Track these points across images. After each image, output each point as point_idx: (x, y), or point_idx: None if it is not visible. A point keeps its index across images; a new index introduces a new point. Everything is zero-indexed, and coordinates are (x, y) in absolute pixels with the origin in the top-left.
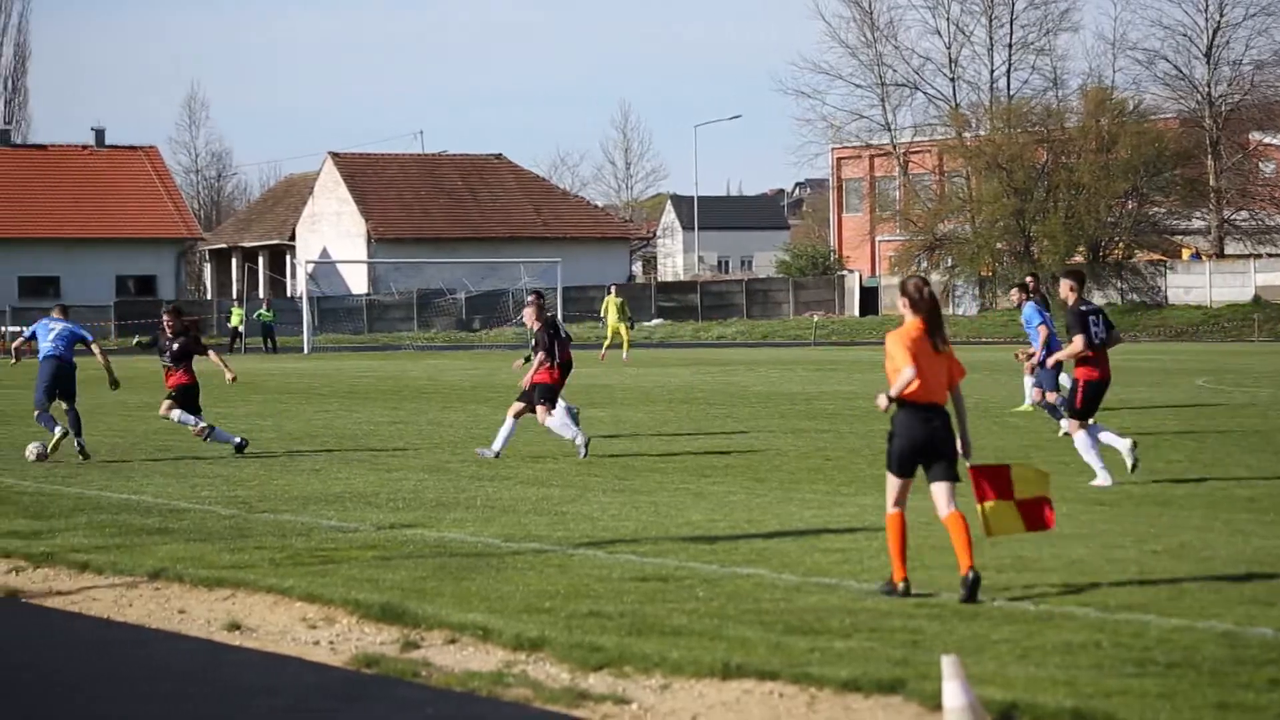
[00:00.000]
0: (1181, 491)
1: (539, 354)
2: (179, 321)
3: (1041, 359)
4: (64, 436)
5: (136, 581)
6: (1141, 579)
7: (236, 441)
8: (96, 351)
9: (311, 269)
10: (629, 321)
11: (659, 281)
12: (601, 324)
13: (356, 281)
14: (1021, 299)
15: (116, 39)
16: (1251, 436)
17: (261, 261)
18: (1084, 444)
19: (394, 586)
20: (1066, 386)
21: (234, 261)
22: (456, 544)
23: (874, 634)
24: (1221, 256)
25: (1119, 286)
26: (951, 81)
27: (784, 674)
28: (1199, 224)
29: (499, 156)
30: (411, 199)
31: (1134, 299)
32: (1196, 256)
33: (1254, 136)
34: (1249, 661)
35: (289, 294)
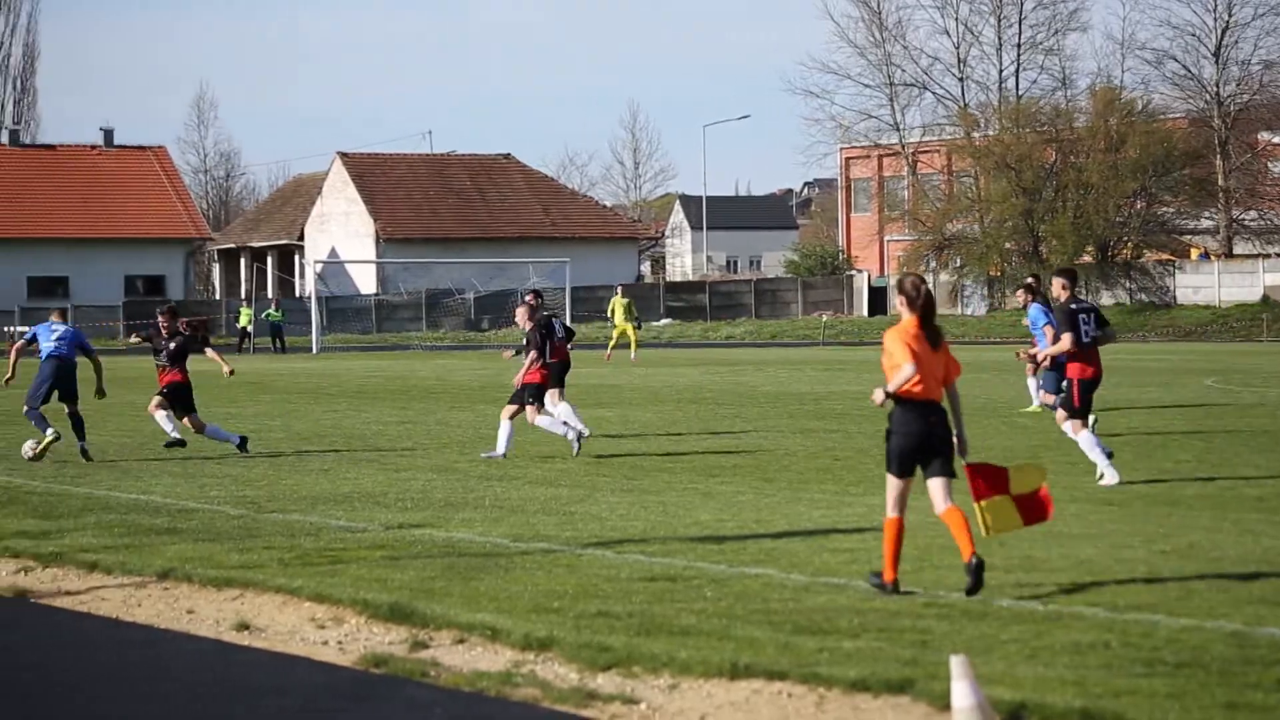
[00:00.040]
0: (1190, 491)
1: (530, 354)
2: (174, 322)
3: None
4: (55, 440)
5: (145, 581)
6: (1150, 579)
7: (236, 440)
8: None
9: (320, 269)
10: (636, 321)
11: (667, 281)
12: (610, 324)
13: (365, 281)
14: (1027, 300)
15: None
16: (1260, 436)
17: (270, 261)
18: (1088, 443)
19: (402, 586)
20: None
21: (242, 261)
22: (465, 544)
23: (883, 634)
24: (1230, 256)
25: (1127, 286)
26: (960, 81)
27: (792, 674)
28: (1207, 224)
29: (508, 156)
30: (420, 199)
31: (1142, 299)
32: (1205, 256)
33: (1263, 136)
34: (1258, 661)
35: (297, 294)
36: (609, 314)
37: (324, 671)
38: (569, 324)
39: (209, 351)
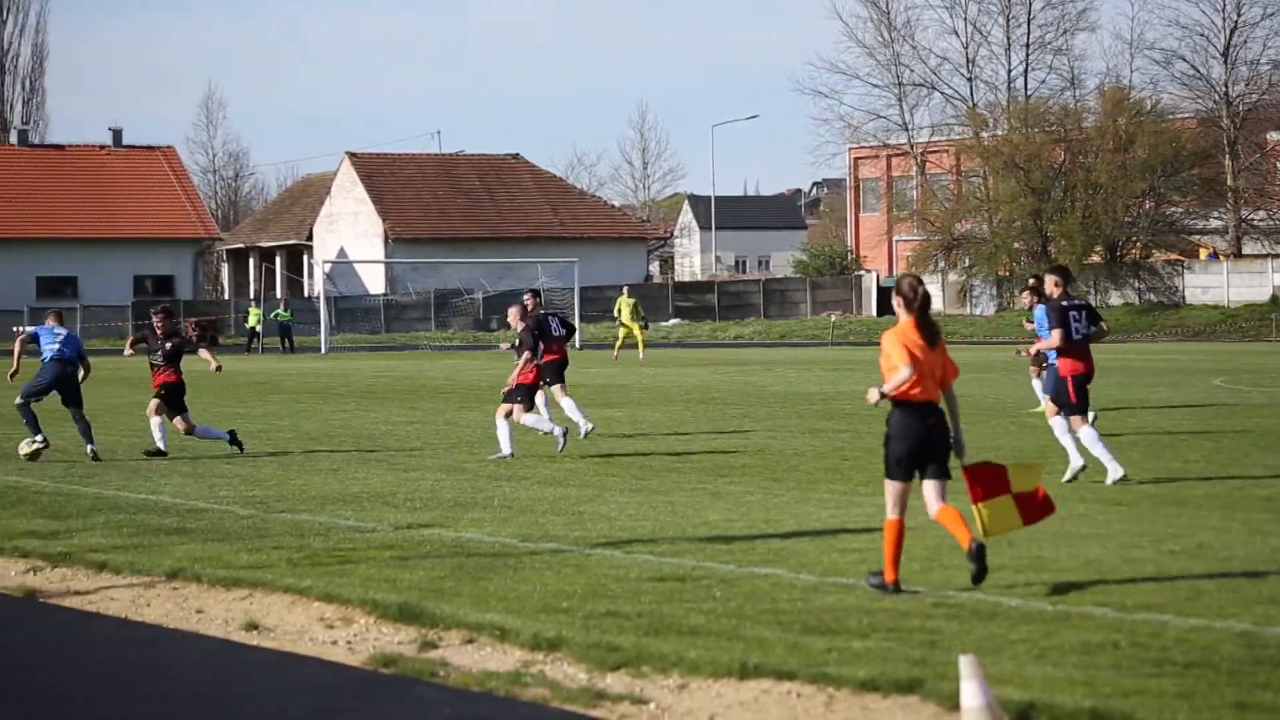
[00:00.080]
0: (1199, 491)
1: (525, 354)
2: (169, 323)
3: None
4: (43, 447)
5: (154, 581)
6: (1159, 579)
7: (226, 436)
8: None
9: (329, 269)
10: (643, 321)
11: (676, 281)
12: (617, 323)
13: (374, 281)
14: (1033, 301)
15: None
16: (1269, 436)
17: (279, 261)
18: (1090, 438)
19: (411, 586)
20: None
21: (251, 261)
22: (474, 544)
23: (892, 634)
24: (1239, 256)
25: (1136, 286)
26: (969, 81)
27: (801, 674)
28: (1216, 224)
29: (516, 156)
30: (429, 199)
31: (1151, 299)
32: (1214, 256)
33: (1271, 136)
34: (1267, 661)
35: (306, 294)
36: (615, 313)
37: (333, 671)
38: (569, 321)
39: (202, 351)
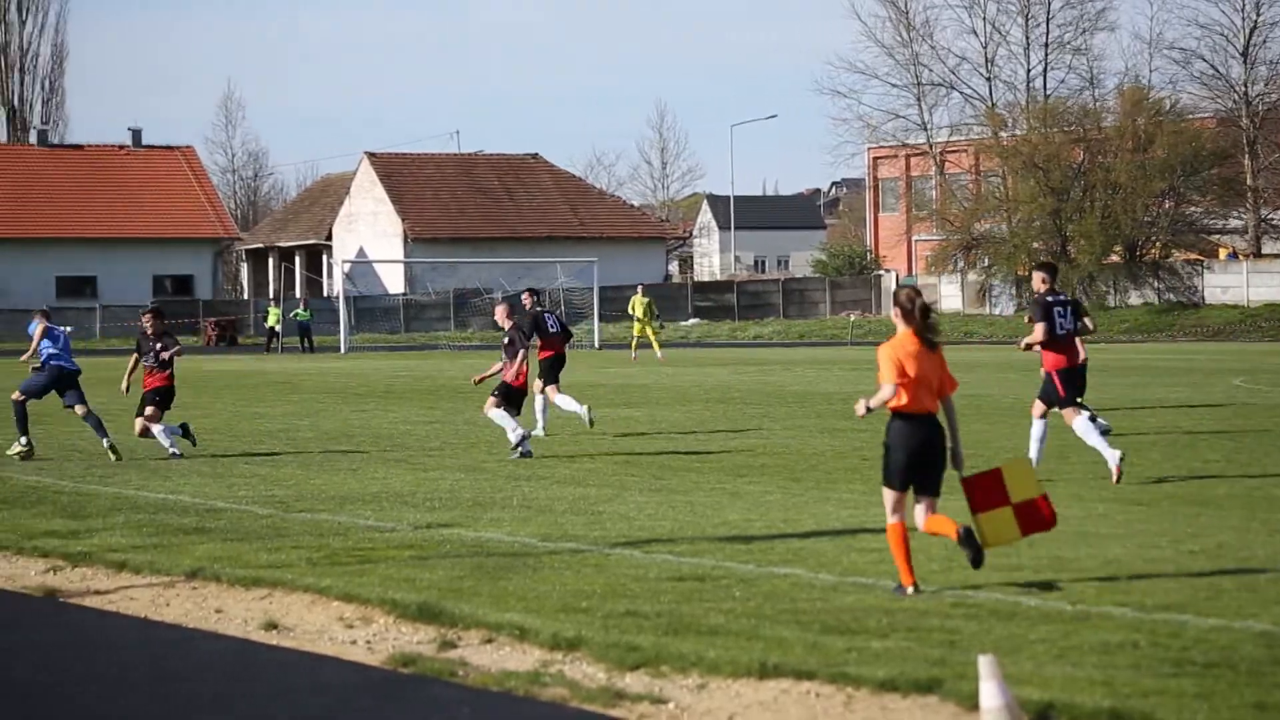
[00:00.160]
0: (1219, 491)
1: (520, 352)
2: (159, 323)
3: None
4: (27, 452)
5: (174, 581)
6: (1178, 578)
7: (179, 431)
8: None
9: (348, 269)
10: (657, 321)
11: (695, 281)
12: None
13: (393, 281)
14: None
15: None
16: None
17: (298, 261)
18: (1084, 429)
19: (431, 586)
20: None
21: (271, 261)
22: (493, 544)
23: (911, 634)
24: (1259, 256)
25: (1156, 286)
26: (988, 81)
27: (821, 674)
28: (1236, 223)
29: (535, 156)
30: (448, 199)
31: (1171, 299)
32: (1234, 256)
33: None
34: None
35: (326, 294)
36: (629, 310)
37: (352, 671)
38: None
39: (167, 354)
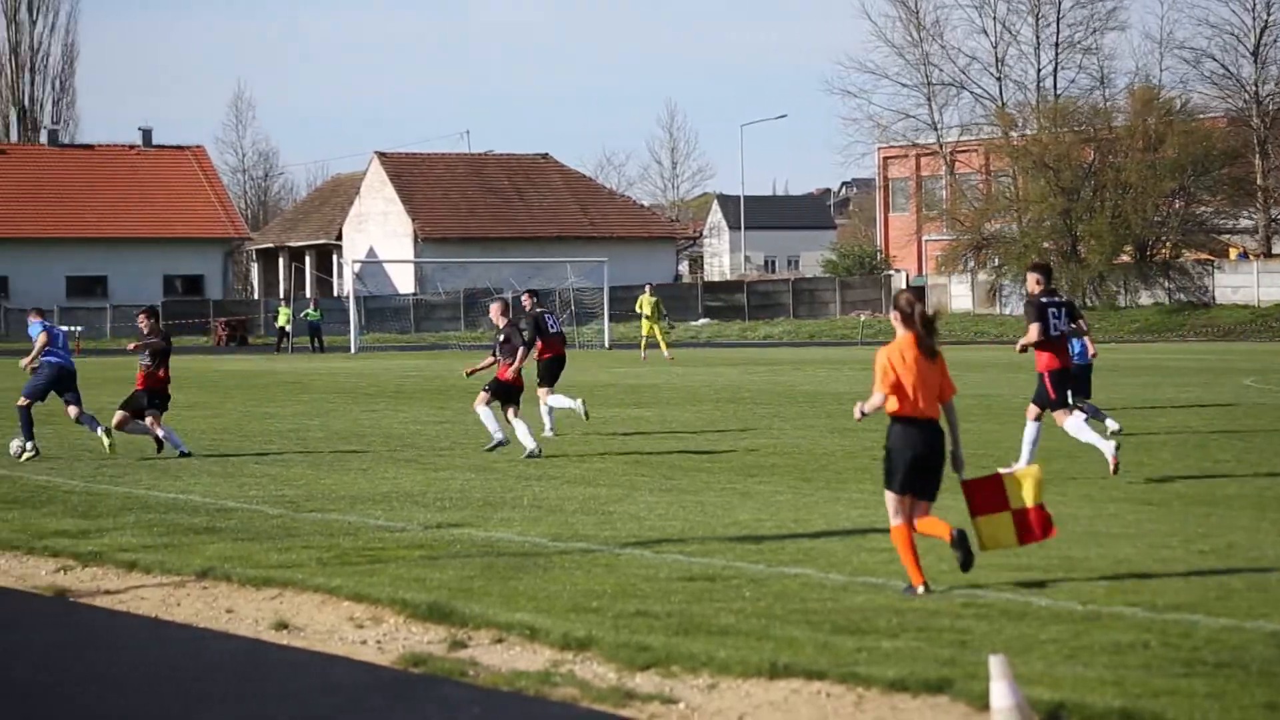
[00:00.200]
0: (1229, 491)
1: (519, 349)
2: (153, 322)
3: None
4: (33, 455)
5: (184, 580)
6: (1189, 578)
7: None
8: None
9: (358, 268)
10: (665, 320)
11: (705, 281)
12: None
13: (403, 281)
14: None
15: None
16: None
17: (308, 261)
18: (1075, 427)
19: (441, 586)
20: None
21: (281, 261)
22: (504, 543)
23: (921, 634)
24: (1269, 256)
25: (1166, 286)
26: (998, 81)
27: (831, 674)
28: (1246, 223)
29: (545, 156)
30: (458, 198)
31: (1181, 299)
32: (1244, 256)
33: None
34: None
35: (336, 293)
36: (637, 309)
37: (363, 671)
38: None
39: (132, 346)
